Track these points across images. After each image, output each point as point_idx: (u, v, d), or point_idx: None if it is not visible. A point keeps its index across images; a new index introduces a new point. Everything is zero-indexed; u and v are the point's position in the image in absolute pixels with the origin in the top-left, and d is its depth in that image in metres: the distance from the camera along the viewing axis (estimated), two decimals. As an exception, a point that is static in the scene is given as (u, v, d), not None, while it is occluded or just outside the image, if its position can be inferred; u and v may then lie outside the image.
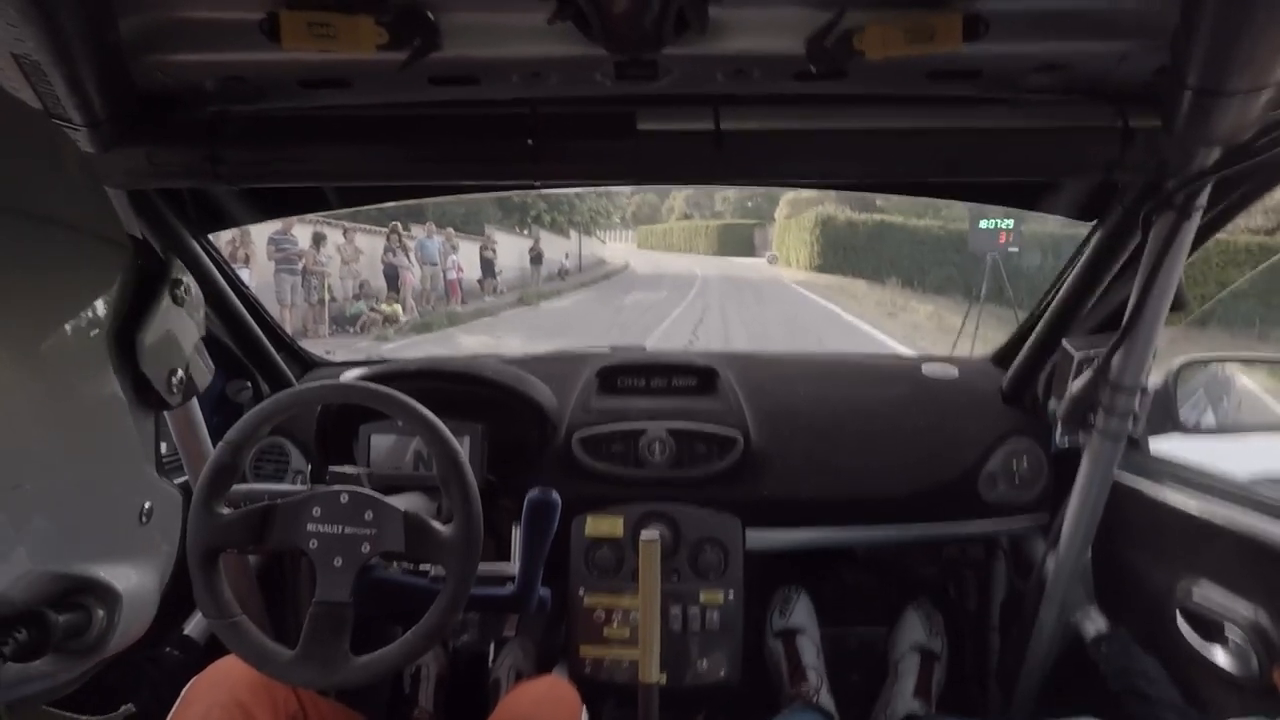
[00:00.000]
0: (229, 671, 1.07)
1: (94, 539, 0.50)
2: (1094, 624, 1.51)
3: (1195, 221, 1.14)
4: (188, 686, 1.07)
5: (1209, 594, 1.24)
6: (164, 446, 1.50)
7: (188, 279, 0.58)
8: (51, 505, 0.46)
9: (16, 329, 0.44)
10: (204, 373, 0.62)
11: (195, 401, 1.42)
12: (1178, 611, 1.29)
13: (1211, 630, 1.23)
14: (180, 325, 0.57)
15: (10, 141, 0.49)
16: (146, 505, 0.55)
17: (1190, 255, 1.20)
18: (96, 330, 0.50)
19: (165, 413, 1.39)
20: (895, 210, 23.22)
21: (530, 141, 1.13)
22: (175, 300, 0.56)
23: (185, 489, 0.72)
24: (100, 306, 0.50)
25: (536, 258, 20.31)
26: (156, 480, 0.57)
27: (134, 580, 0.53)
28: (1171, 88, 0.92)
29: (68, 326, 0.48)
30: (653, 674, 1.33)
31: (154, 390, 0.54)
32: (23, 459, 0.44)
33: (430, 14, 0.89)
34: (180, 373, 0.56)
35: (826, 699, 1.65)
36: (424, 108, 1.14)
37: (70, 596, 0.49)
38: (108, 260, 0.52)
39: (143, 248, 0.55)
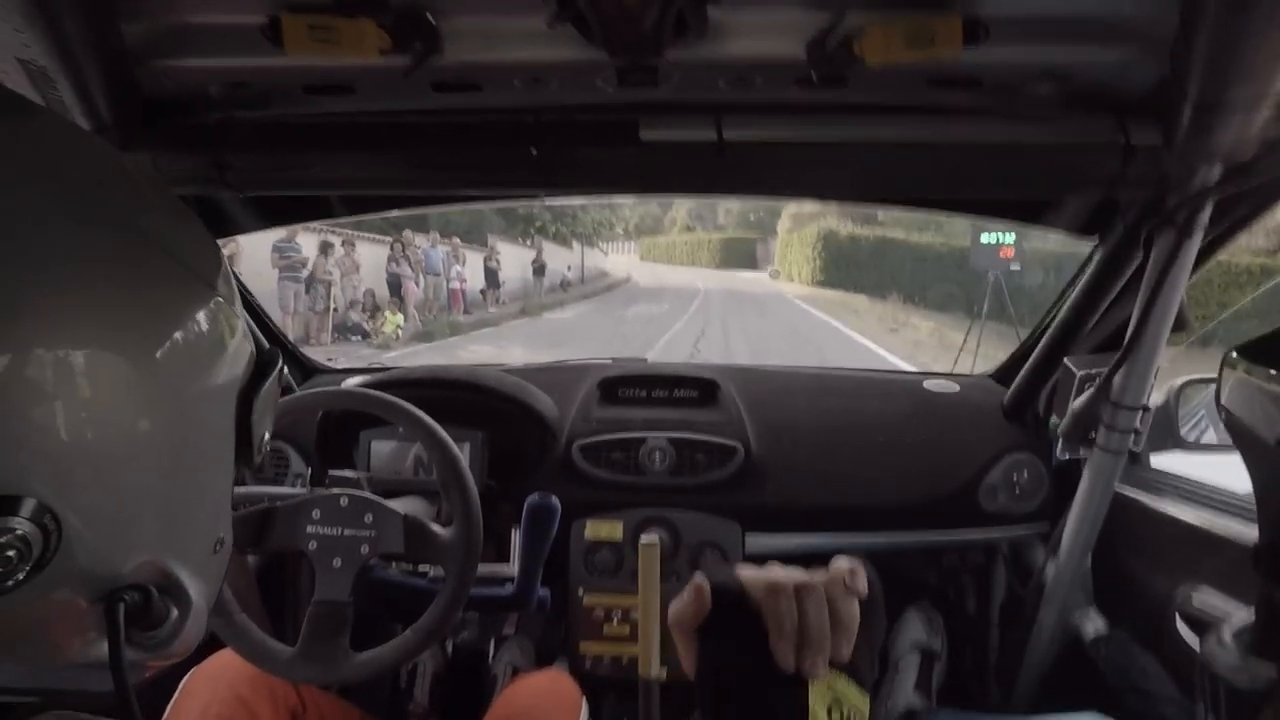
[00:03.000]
0: (228, 664, 1.06)
1: (185, 551, 0.54)
2: (1093, 625, 1.51)
3: (1197, 240, 1.14)
4: (186, 678, 1.06)
5: (1208, 599, 1.24)
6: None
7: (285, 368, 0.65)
8: (164, 506, 0.50)
9: (148, 355, 0.47)
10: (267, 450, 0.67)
11: None
12: (1176, 614, 1.29)
13: (1209, 631, 1.23)
14: (273, 402, 0.63)
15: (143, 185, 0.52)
16: (222, 538, 0.59)
17: (1192, 275, 1.20)
18: (231, 374, 0.55)
19: None
20: (897, 225, 23.25)
21: (534, 151, 1.13)
22: (279, 381, 0.63)
23: None
24: (237, 355, 0.55)
25: (540, 269, 20.33)
26: (232, 520, 0.62)
27: (200, 599, 0.56)
28: (1172, 100, 0.92)
29: (209, 363, 0.52)
30: (653, 670, 1.32)
31: (250, 448, 0.58)
32: (155, 462, 0.48)
33: (431, 17, 0.90)
34: (267, 439, 0.61)
35: None
36: (428, 116, 1.14)
37: (162, 587, 0.52)
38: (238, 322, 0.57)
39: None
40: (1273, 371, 0.68)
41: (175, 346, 0.50)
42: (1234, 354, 0.69)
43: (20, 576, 0.42)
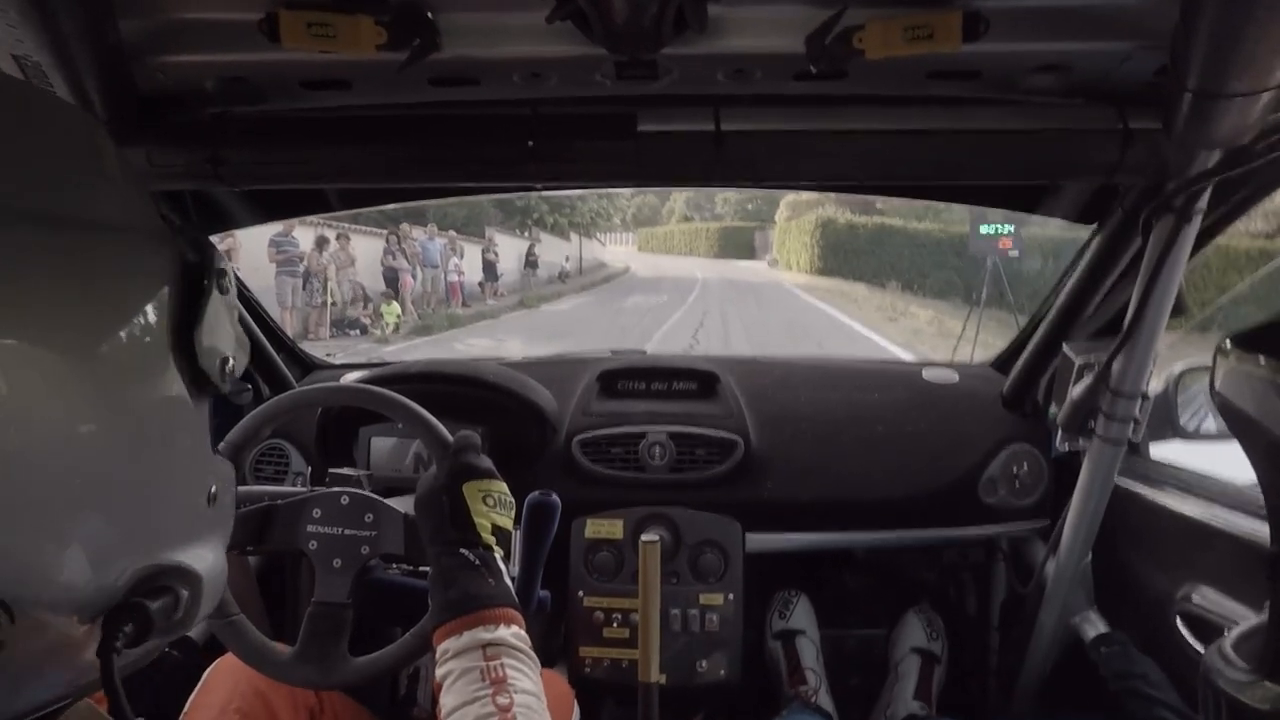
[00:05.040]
0: None
1: (175, 529, 0.55)
2: (1093, 627, 1.51)
3: (1196, 225, 1.13)
4: (208, 672, 1.07)
5: (1209, 598, 1.24)
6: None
7: (228, 265, 0.60)
8: (135, 504, 0.50)
9: (72, 339, 0.45)
10: (244, 355, 0.64)
11: None
12: (1177, 615, 1.29)
13: (1210, 633, 1.23)
14: (226, 314, 0.59)
15: (45, 140, 0.49)
16: (213, 489, 0.58)
17: (1190, 259, 1.20)
18: (155, 332, 0.52)
19: None
20: (895, 213, 23.17)
21: (531, 143, 1.13)
22: (221, 290, 0.58)
23: None
24: (155, 307, 0.52)
25: (533, 262, 20.19)
26: (216, 462, 0.61)
27: (208, 559, 0.57)
28: (1171, 90, 0.92)
29: (124, 331, 0.50)
30: (652, 674, 1.32)
31: (210, 381, 0.56)
32: (103, 463, 0.47)
33: (430, 14, 0.89)
34: (230, 360, 0.59)
35: (825, 700, 1.65)
36: (425, 109, 1.14)
37: (158, 581, 0.53)
38: (155, 257, 0.54)
39: (186, 239, 0.57)
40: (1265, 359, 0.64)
41: (115, 334, 0.48)
42: (1228, 342, 0.67)
43: None
